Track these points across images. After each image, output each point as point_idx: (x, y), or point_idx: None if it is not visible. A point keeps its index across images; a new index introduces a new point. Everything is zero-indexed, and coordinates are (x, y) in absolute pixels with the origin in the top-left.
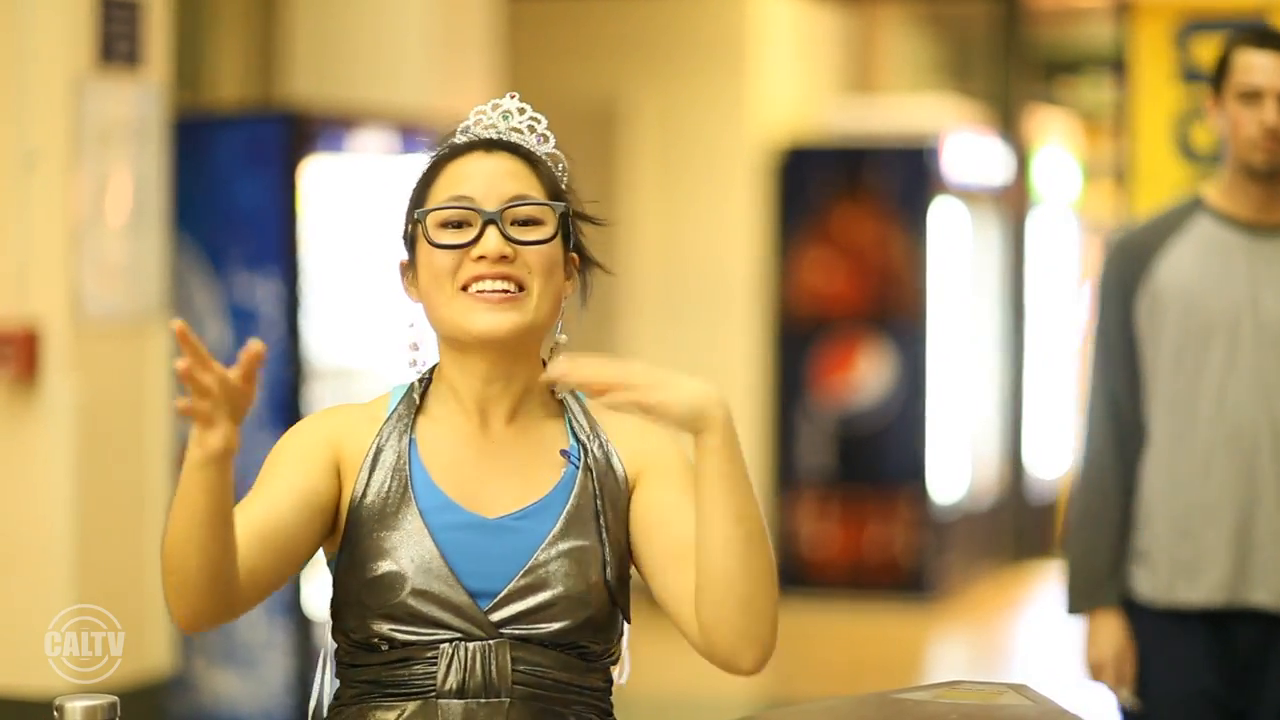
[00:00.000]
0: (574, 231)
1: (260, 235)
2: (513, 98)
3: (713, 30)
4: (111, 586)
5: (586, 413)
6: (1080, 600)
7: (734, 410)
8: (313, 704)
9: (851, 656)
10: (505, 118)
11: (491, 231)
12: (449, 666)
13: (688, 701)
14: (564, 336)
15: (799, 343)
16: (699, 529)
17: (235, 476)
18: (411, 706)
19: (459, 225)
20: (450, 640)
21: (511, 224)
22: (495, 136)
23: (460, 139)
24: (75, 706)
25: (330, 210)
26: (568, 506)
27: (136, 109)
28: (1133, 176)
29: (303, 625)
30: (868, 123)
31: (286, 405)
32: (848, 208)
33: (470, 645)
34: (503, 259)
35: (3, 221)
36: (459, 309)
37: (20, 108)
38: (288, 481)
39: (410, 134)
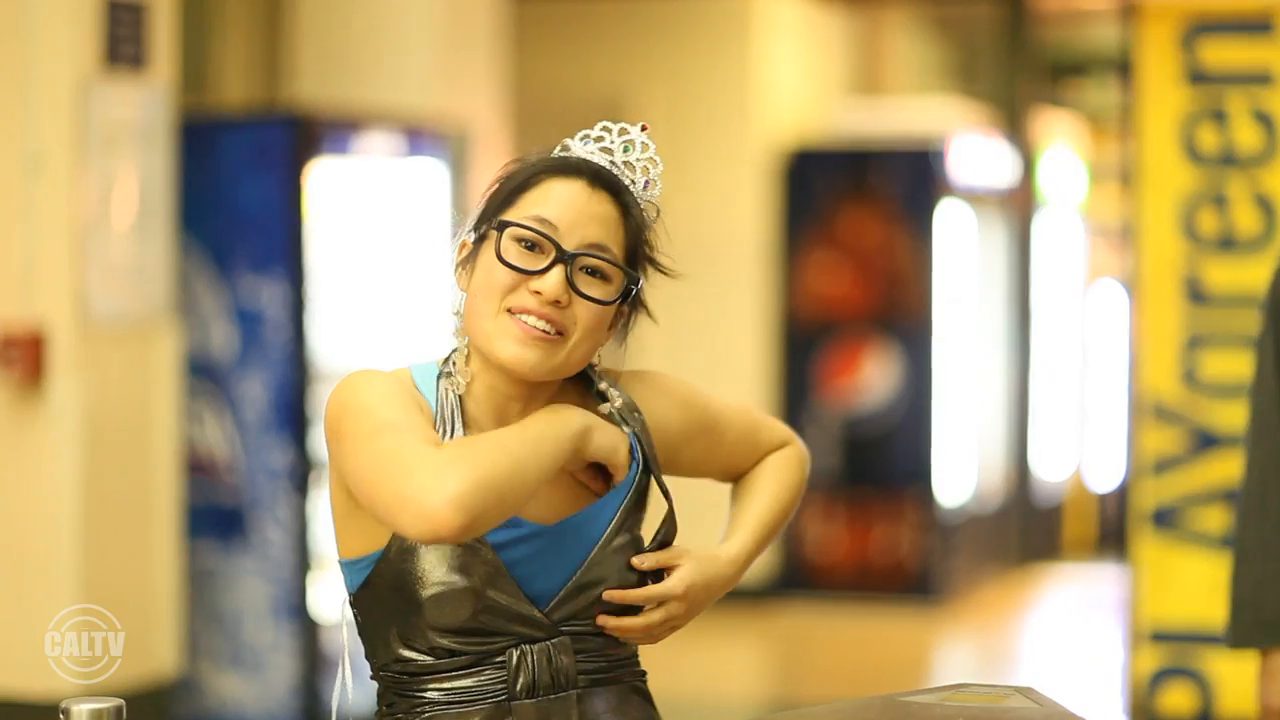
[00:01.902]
0: (637, 292)
1: (266, 237)
2: (643, 129)
3: (718, 32)
4: (117, 588)
5: (621, 392)
6: (1255, 636)
7: None
8: (335, 699)
9: (857, 659)
10: (626, 149)
11: (558, 272)
12: (517, 669)
13: (695, 704)
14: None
15: (805, 345)
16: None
17: (241, 480)
18: (484, 712)
19: (532, 247)
20: (515, 644)
21: (581, 270)
22: (608, 164)
23: (575, 145)
24: (81, 709)
25: (336, 212)
26: (625, 502)
27: (142, 111)
28: (1139, 178)
29: (309, 628)
30: (874, 124)
31: (292, 408)
32: (853, 210)
33: (535, 647)
34: (555, 303)
35: (9, 223)
36: (496, 329)
37: (26, 110)
38: (430, 428)
39: (416, 136)
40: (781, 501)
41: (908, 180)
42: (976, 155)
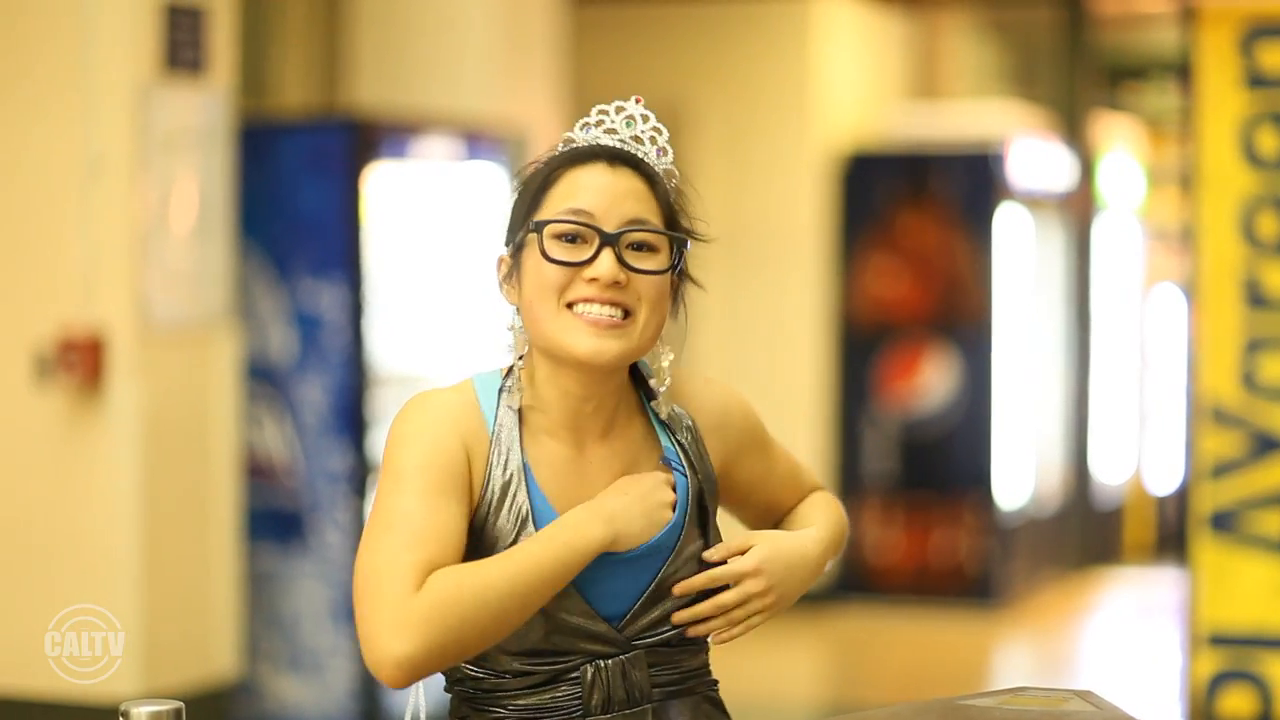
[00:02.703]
0: (683, 257)
1: (325, 241)
2: (638, 102)
3: (777, 36)
4: (176, 591)
5: (669, 401)
6: None
7: (799, 416)
8: (409, 715)
9: (916, 663)
10: (628, 124)
11: (607, 255)
12: (592, 684)
13: (756, 708)
14: (670, 356)
15: (864, 349)
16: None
17: (300, 484)
18: None
19: (574, 239)
20: (590, 660)
21: (628, 248)
22: (617, 144)
23: (579, 135)
24: (141, 712)
25: (394, 216)
26: (687, 516)
27: (201, 116)
28: (1198, 182)
29: None
30: (932, 129)
31: (351, 412)
32: (912, 214)
33: (609, 663)
34: (615, 284)
35: (69, 228)
36: (562, 326)
37: (86, 115)
38: (449, 513)
39: (474, 140)
40: (835, 531)
41: (966, 184)
42: (1035, 159)
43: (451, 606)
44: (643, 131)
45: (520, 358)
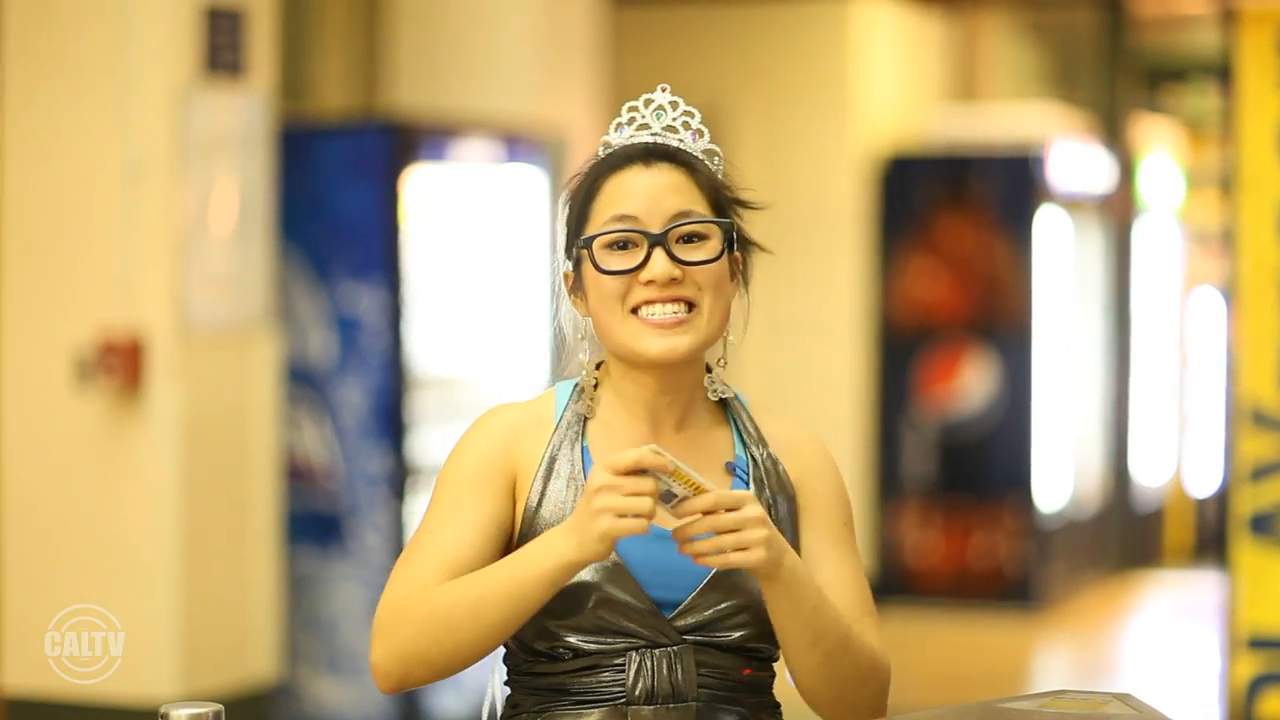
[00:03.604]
0: (736, 233)
1: (364, 244)
2: (664, 90)
3: (816, 38)
4: (216, 594)
5: (752, 419)
6: None
7: (839, 419)
8: (485, 710)
9: (956, 666)
10: (659, 115)
11: (658, 254)
12: (636, 673)
13: (793, 712)
14: (734, 338)
15: (903, 351)
16: (780, 640)
17: (339, 486)
18: (599, 713)
19: (624, 246)
20: (637, 648)
21: (677, 242)
22: (651, 140)
23: (614, 141)
24: (181, 714)
25: (433, 219)
26: None
27: (241, 119)
28: (1238, 185)
29: None
30: (972, 131)
31: (390, 414)
32: (951, 216)
33: (656, 652)
34: (672, 281)
35: (109, 231)
36: (630, 332)
37: (125, 118)
38: (471, 515)
39: (513, 143)
40: (847, 632)
41: (1006, 186)
42: (1075, 161)
43: (414, 619)
44: (675, 119)
45: (599, 365)
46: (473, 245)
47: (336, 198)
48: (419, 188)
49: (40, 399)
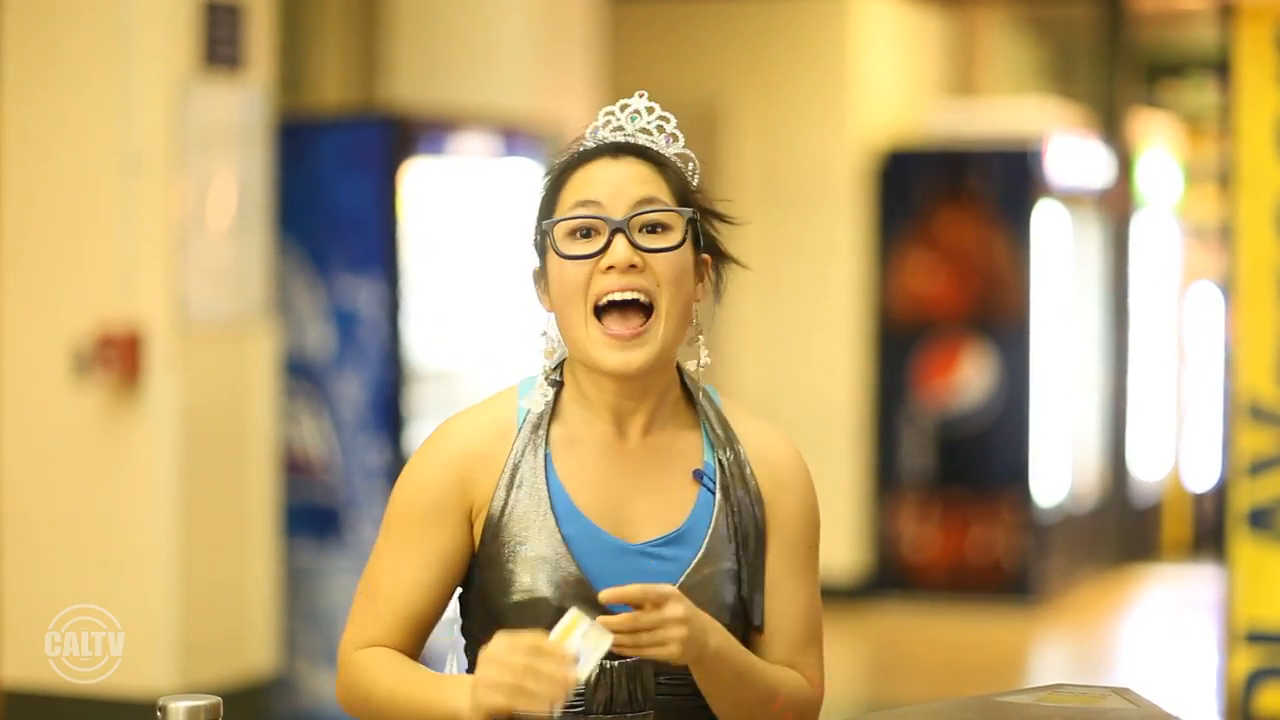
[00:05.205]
0: (704, 232)
1: (362, 238)
2: (641, 96)
3: (814, 33)
4: (214, 587)
5: (721, 418)
6: None
7: (837, 413)
8: None
9: (953, 659)
10: (634, 118)
11: (619, 240)
12: (595, 683)
13: None
14: (705, 352)
15: (901, 346)
16: (705, 697)
17: (337, 479)
18: None
19: (587, 234)
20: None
21: (640, 231)
22: (623, 139)
23: (589, 142)
24: (179, 707)
25: (432, 213)
26: (709, 533)
27: (239, 112)
28: (1236, 180)
29: None
30: (970, 126)
31: (388, 407)
32: (950, 211)
33: (617, 663)
34: (631, 268)
35: (107, 224)
36: (590, 340)
37: (124, 111)
38: (426, 550)
39: (512, 137)
40: (773, 687)
41: (1004, 181)
42: (1073, 156)
43: (350, 681)
44: (649, 123)
45: (559, 365)
46: (471, 239)
47: (335, 191)
48: (417, 181)
49: (38, 392)
